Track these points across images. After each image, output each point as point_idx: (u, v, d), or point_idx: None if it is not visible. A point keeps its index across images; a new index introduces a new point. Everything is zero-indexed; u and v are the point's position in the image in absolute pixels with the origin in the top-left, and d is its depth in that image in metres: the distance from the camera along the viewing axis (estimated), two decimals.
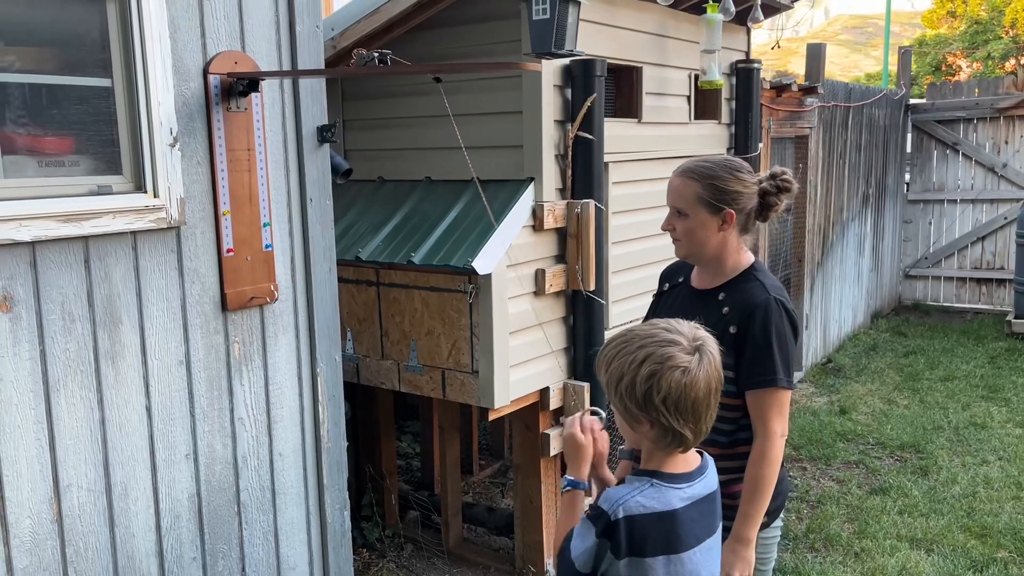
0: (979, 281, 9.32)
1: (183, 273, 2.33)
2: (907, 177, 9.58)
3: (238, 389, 2.50)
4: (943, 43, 20.56)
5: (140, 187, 2.22)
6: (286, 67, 2.54)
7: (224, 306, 2.43)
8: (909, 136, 9.42)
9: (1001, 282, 9.14)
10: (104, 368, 2.17)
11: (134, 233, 2.20)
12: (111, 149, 2.19)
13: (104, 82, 2.16)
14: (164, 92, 2.22)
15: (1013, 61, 19.52)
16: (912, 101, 9.42)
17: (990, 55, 19.20)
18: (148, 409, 2.28)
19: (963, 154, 9.21)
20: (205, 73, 2.32)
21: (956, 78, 19.28)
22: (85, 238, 2.10)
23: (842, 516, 4.55)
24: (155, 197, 2.22)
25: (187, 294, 2.34)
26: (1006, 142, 8.98)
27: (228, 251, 2.41)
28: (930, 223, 9.53)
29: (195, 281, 2.36)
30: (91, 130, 2.15)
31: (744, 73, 5.06)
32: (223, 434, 2.48)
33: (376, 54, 2.01)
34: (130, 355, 2.23)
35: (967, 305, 9.37)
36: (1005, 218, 8.96)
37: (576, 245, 3.70)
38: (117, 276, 2.18)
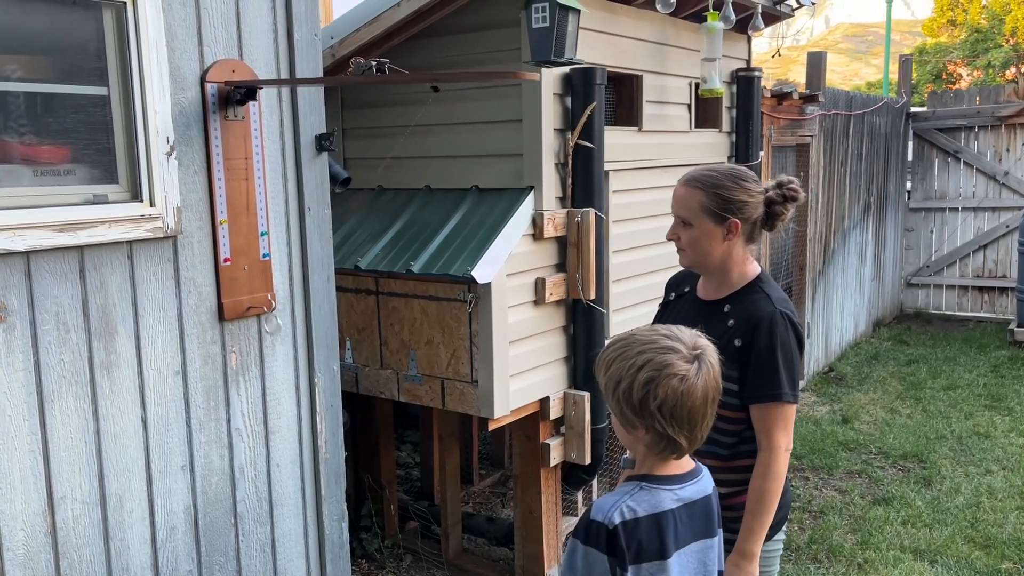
0: (981, 289, 9.30)
1: (179, 283, 2.31)
2: (908, 185, 9.56)
3: (235, 400, 2.48)
4: (943, 51, 20.60)
5: (136, 196, 2.20)
6: (284, 75, 2.52)
7: (221, 316, 2.41)
8: (910, 144, 9.41)
9: (1003, 290, 9.12)
10: (99, 379, 2.15)
11: (130, 243, 2.18)
12: (107, 158, 2.18)
13: (100, 91, 2.15)
14: (161, 100, 2.20)
15: (1014, 69, 19.54)
16: (913, 109, 9.41)
17: (990, 63, 19.22)
18: (144, 420, 2.26)
19: (964, 162, 9.20)
20: (202, 81, 2.31)
21: (956, 86, 19.31)
22: (80, 248, 2.08)
23: (845, 527, 4.52)
24: (151, 206, 2.20)
25: (183, 304, 2.32)
26: (1007, 150, 8.97)
27: (225, 260, 2.39)
28: (932, 231, 9.52)
29: (192, 291, 2.34)
30: (87, 139, 2.14)
31: (745, 81, 5.05)
32: (220, 445, 2.45)
33: (374, 63, 1.99)
34: (125, 366, 2.20)
35: (969, 313, 9.35)
36: (1007, 226, 8.94)
37: (576, 254, 3.68)
38: (113, 286, 2.16)
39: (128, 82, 2.16)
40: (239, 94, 2.35)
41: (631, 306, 4.25)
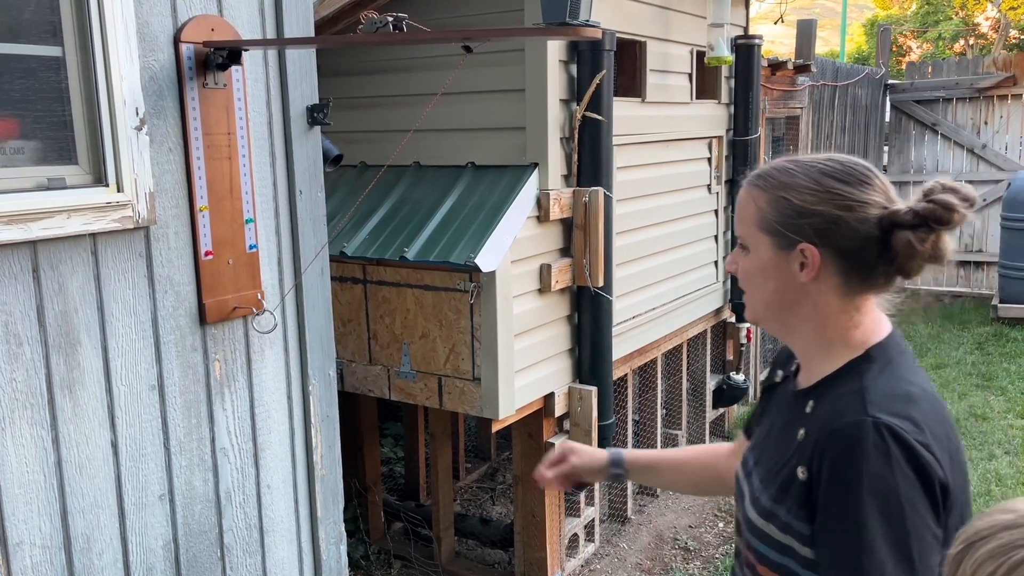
0: (957, 263, 9.20)
1: (153, 282, 1.95)
2: (885, 158, 9.41)
3: (220, 415, 2.13)
4: (894, 23, 20.59)
5: (100, 179, 1.83)
6: (271, 35, 2.16)
7: (202, 319, 2.05)
8: (887, 116, 9.24)
9: (979, 264, 9.03)
10: (60, 399, 1.79)
11: (94, 235, 1.81)
12: (64, 133, 1.80)
13: (54, 51, 1.76)
14: (127, 64, 1.83)
15: (963, 42, 19.63)
16: (890, 80, 9.23)
17: (940, 36, 19.27)
18: (114, 445, 1.90)
19: (942, 135, 9.06)
20: (176, 41, 1.94)
21: (907, 59, 19.32)
22: (33, 243, 1.72)
23: None
24: (119, 191, 1.83)
25: (159, 306, 1.96)
26: (985, 123, 8.85)
27: (206, 254, 2.04)
28: None
29: (168, 291, 1.98)
30: (38, 110, 1.76)
31: (745, 50, 4.76)
32: (203, 468, 2.11)
33: (390, 18, 1.65)
34: (91, 382, 1.85)
35: (944, 288, 9.26)
36: (984, 200, 8.82)
37: (583, 237, 3.37)
38: (74, 288, 1.80)
39: (87, 41, 1.78)
40: (220, 57, 1.98)
41: (634, 291, 3.97)
